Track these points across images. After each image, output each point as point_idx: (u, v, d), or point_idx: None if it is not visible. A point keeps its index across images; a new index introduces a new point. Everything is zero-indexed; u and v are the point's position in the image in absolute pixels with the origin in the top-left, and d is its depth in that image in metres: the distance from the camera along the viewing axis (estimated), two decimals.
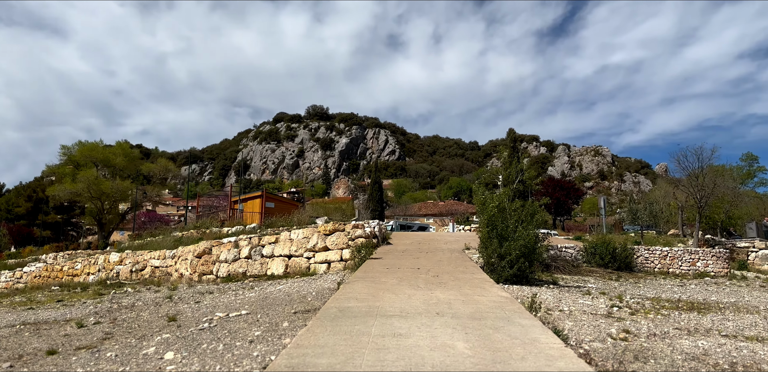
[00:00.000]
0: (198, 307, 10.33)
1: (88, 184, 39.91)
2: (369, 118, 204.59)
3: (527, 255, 12.23)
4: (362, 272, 11.03)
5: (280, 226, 21.44)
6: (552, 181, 56.55)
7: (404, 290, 8.54)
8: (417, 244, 18.95)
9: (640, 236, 25.09)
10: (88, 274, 28.08)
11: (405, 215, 76.95)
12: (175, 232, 29.67)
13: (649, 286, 15.04)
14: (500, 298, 7.93)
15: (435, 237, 23.19)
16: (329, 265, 16.87)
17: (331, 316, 6.42)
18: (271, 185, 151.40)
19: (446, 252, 15.70)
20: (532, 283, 12.74)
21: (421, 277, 10.25)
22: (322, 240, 17.63)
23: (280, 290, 11.60)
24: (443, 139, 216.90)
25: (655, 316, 8.83)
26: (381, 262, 13.02)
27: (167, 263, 23.38)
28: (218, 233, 25.06)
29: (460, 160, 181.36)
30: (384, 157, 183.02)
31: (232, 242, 20.76)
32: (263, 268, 18.65)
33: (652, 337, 6.80)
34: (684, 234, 31.74)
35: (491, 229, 12.59)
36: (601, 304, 10.09)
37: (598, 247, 18.75)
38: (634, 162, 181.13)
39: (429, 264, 12.60)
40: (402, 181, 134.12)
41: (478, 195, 14.14)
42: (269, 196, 30.89)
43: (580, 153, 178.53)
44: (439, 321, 6.21)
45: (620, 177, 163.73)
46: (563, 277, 15.95)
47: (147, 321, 8.99)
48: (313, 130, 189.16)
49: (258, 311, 8.39)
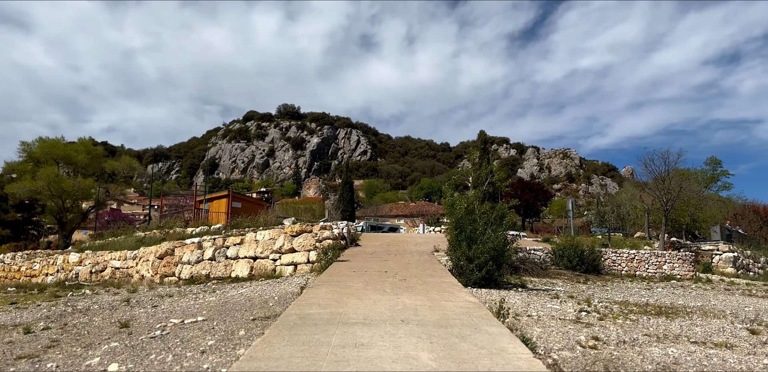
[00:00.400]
0: (154, 312, 9.86)
1: (48, 182, 38.58)
2: (341, 117, 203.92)
3: (496, 258, 12.06)
4: (327, 276, 10.70)
5: (246, 227, 20.91)
6: (521, 183, 56.98)
7: (370, 295, 8.24)
8: (386, 245, 18.68)
9: (608, 239, 25.29)
10: (46, 275, 27.13)
11: (376, 216, 76.69)
12: (138, 232, 28.84)
13: (617, 290, 15.05)
14: (468, 303, 7.69)
15: (405, 238, 22.96)
16: (296, 268, 16.47)
17: (290, 325, 6.08)
18: (240, 184, 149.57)
19: (415, 254, 15.46)
20: (500, 286, 12.58)
21: (388, 281, 9.97)
22: (289, 241, 17.22)
23: (241, 294, 11.18)
24: (415, 140, 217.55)
25: (623, 322, 8.72)
26: (348, 265, 12.70)
27: (128, 264, 22.67)
28: (182, 234, 24.37)
29: (432, 162, 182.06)
30: (356, 157, 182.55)
31: (196, 243, 20.18)
32: (227, 271, 18.14)
33: (621, 344, 6.64)
34: (650, 236, 32.18)
35: (460, 231, 12.39)
36: (569, 308, 9.95)
37: (566, 250, 18.75)
38: (602, 165, 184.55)
39: (397, 267, 12.33)
40: (373, 181, 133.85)
41: (447, 197, 13.95)
42: (236, 195, 30.25)
43: (549, 155, 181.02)
44: (404, 329, 5.93)
45: (588, 179, 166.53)
46: (532, 279, 15.87)
47: (98, 327, 8.50)
48: (284, 129, 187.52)
49: (215, 317, 7.99)
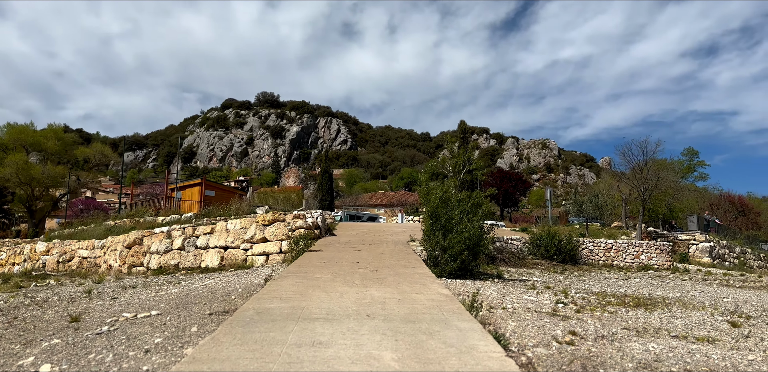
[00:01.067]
0: (111, 305, 9.31)
1: (16, 169, 37.38)
2: (321, 106, 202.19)
3: (472, 248, 11.70)
4: (296, 266, 10.23)
5: (218, 216, 20.31)
6: (500, 172, 56.90)
7: (337, 287, 7.80)
8: (362, 235, 18.24)
9: (585, 228, 25.18)
10: (13, 265, 26.28)
11: (356, 205, 76.25)
12: (109, 220, 28.02)
13: (594, 280, 14.83)
14: (439, 296, 7.29)
15: (382, 228, 22.55)
16: (267, 258, 15.97)
17: (246, 320, 5.61)
18: (218, 173, 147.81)
19: (390, 244, 15.04)
20: (476, 276, 12.24)
21: (359, 272, 9.53)
22: (261, 231, 16.68)
23: (206, 286, 10.68)
24: (395, 130, 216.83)
25: (601, 314, 8.41)
26: (319, 255, 12.24)
27: (96, 254, 21.95)
28: (152, 222, 23.67)
29: (412, 151, 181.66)
30: (336, 146, 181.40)
31: (165, 232, 19.57)
32: (197, 261, 17.57)
33: (600, 339, 6.30)
34: (627, 226, 32.24)
35: (435, 220, 11.99)
36: (545, 299, 9.64)
37: (543, 240, 18.51)
38: (580, 155, 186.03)
39: (370, 257, 11.90)
40: (353, 171, 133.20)
41: (423, 185, 13.54)
42: (209, 183, 29.51)
43: (528, 146, 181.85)
44: (369, 325, 5.50)
45: (566, 170, 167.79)
46: (508, 269, 15.58)
47: (47, 321, 7.94)
48: (263, 117, 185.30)
49: (171, 311, 7.48)
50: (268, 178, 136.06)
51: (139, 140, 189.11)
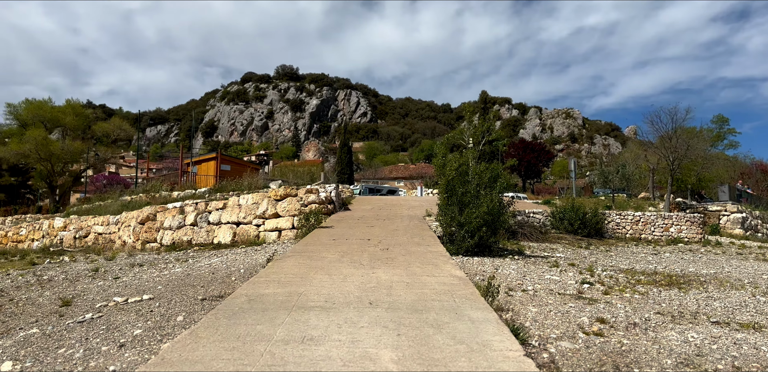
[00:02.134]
0: (110, 286, 8.89)
1: (35, 145, 37.37)
2: (340, 78, 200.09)
3: (490, 223, 10.99)
4: (303, 245, 9.65)
5: (231, 191, 19.86)
6: (522, 143, 55.57)
7: (342, 269, 7.20)
8: (377, 209, 17.63)
9: (611, 200, 24.22)
10: (32, 241, 26.35)
11: (375, 178, 75.68)
12: (125, 195, 27.86)
13: (622, 255, 14.07)
14: (452, 279, 6.64)
15: (399, 202, 21.91)
16: (280, 234, 15.48)
17: (234, 310, 5.04)
18: (239, 147, 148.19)
19: (405, 219, 14.40)
20: (495, 253, 11.57)
21: (369, 250, 8.92)
22: (273, 206, 16.16)
23: (210, 265, 10.19)
24: (416, 102, 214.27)
25: (631, 296, 7.71)
26: (329, 232, 11.66)
27: (111, 230, 21.77)
28: (167, 197, 23.37)
29: (433, 123, 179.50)
30: (356, 119, 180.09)
31: (178, 208, 19.19)
32: (209, 237, 17.17)
33: (631, 328, 5.61)
34: (654, 197, 31.13)
35: (450, 194, 11.28)
36: (570, 279, 8.95)
37: (567, 213, 17.69)
38: (604, 125, 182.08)
39: (382, 234, 11.28)
40: (373, 143, 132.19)
41: (438, 157, 12.76)
42: (224, 158, 29.06)
43: (551, 115, 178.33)
44: (370, 315, 4.88)
45: (590, 139, 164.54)
46: (530, 245, 14.88)
47: (38, 305, 7.53)
48: (282, 90, 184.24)
49: (164, 295, 6.98)
50: (288, 152, 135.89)
51: (161, 115, 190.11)
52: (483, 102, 44.07)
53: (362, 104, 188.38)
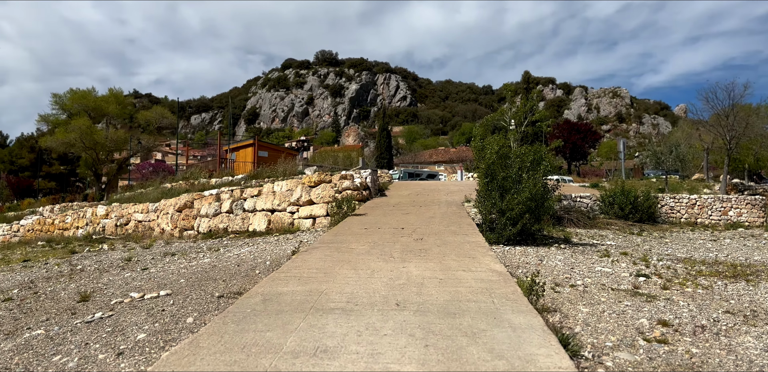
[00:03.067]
0: (134, 278, 8.60)
1: (80, 134, 38.07)
2: (379, 62, 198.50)
3: (533, 209, 10.22)
4: (332, 235, 9.12)
5: (267, 177, 19.55)
6: (568, 124, 53.66)
7: (370, 263, 6.63)
8: (414, 195, 16.99)
9: (665, 182, 22.88)
10: (77, 228, 26.82)
11: (415, 163, 74.86)
12: (166, 183, 28.03)
13: (678, 242, 13.06)
14: (491, 274, 5.98)
15: (438, 186, 21.20)
16: (314, 221, 15.06)
17: (246, 312, 4.53)
18: (281, 134, 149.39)
19: (443, 205, 13.72)
20: (539, 242, 10.80)
21: (401, 241, 8.32)
22: (307, 193, 15.74)
23: (238, 255, 9.80)
24: (456, 84, 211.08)
25: (694, 290, 6.89)
26: (362, 220, 11.11)
27: (150, 217, 21.86)
28: (205, 185, 23.31)
29: (474, 105, 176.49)
30: (395, 103, 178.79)
31: (214, 195, 19.03)
32: (245, 224, 16.93)
33: (699, 332, 4.86)
34: (709, 178, 29.46)
35: (490, 179, 10.53)
36: (623, 271, 8.15)
37: (616, 196, 16.65)
38: (653, 103, 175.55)
39: (417, 222, 10.65)
40: (413, 127, 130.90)
41: (477, 139, 11.98)
42: (262, 144, 28.86)
43: (597, 95, 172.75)
44: (395, 320, 4.29)
45: (639, 119, 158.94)
46: (577, 231, 14.00)
47: (57, 300, 7.26)
48: (322, 76, 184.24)
49: (182, 291, 6.57)
50: (328, 137, 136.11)
51: (205, 103, 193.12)
52: (525, 82, 42.60)
53: (402, 88, 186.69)
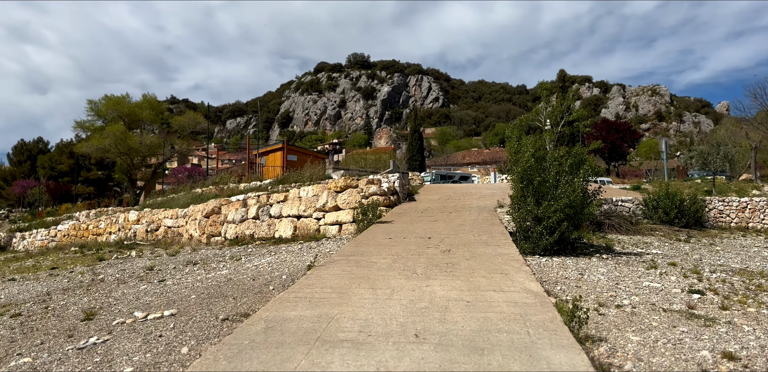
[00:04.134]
0: (147, 291, 8.19)
1: (115, 140, 38.54)
2: (411, 64, 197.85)
3: (572, 216, 9.45)
4: (353, 245, 8.53)
5: (293, 182, 19.14)
6: (606, 123, 51.98)
7: (391, 280, 6.01)
8: (445, 200, 16.32)
9: (711, 183, 21.62)
10: (110, 234, 26.97)
11: (447, 164, 73.95)
12: (197, 188, 27.98)
13: (730, 250, 12.06)
14: (526, 295, 5.29)
15: (470, 190, 20.45)
16: (341, 227, 14.54)
17: (243, 344, 3.97)
18: (314, 137, 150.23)
19: (474, 211, 13.01)
20: (578, 251, 10.01)
21: (427, 253, 7.68)
22: (333, 198, 15.23)
23: (256, 267, 9.32)
24: (489, 84, 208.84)
25: (758, 310, 6.06)
26: (387, 228, 10.50)
27: (179, 223, 21.71)
28: (234, 190, 23.09)
29: (507, 105, 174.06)
30: (427, 104, 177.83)
31: (241, 201, 18.72)
32: (271, 230, 16.53)
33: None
34: (757, 178, 27.89)
35: (525, 184, 9.78)
36: (673, 285, 7.35)
37: (661, 200, 15.62)
38: (694, 101, 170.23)
39: (446, 230, 9.99)
40: (445, 129, 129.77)
41: (512, 141, 11.24)
42: (291, 148, 28.55)
43: (636, 93, 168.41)
44: (412, 356, 3.67)
45: (679, 117, 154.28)
46: (619, 238, 13.10)
47: (62, 317, 6.88)
48: (354, 79, 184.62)
49: (188, 311, 6.08)
50: (360, 140, 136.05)
51: (240, 108, 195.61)
52: (561, 81, 41.36)
53: (434, 89, 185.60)
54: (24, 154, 68.03)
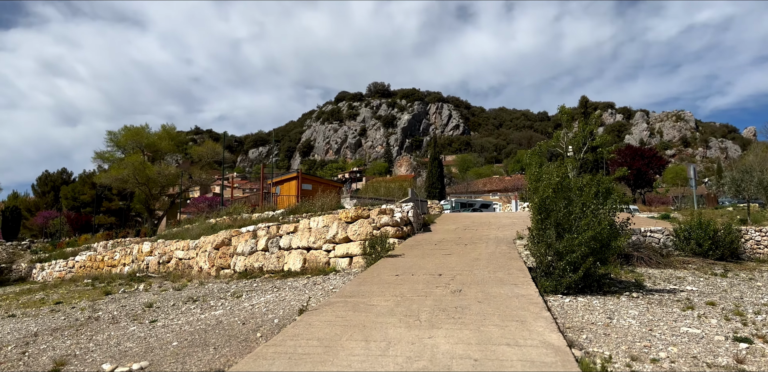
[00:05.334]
0: (129, 337, 7.54)
1: (133, 170, 38.62)
2: (431, 92, 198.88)
3: (599, 251, 8.60)
4: (355, 284, 7.77)
5: (305, 212, 18.53)
6: (630, 149, 50.76)
7: (389, 329, 5.25)
8: (461, 230, 15.51)
9: (746, 212, 20.44)
10: (124, 265, 26.59)
11: (468, 192, 72.97)
12: (211, 218, 27.58)
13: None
14: (545, 352, 4.48)
15: (488, 219, 19.59)
16: (351, 260, 13.81)
17: None
18: (334, 165, 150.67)
19: (492, 243, 12.18)
20: (605, 289, 9.10)
21: (435, 294, 6.89)
22: (343, 229, 14.55)
23: (252, 307, 8.61)
24: (510, 111, 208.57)
25: None
26: (396, 263, 9.73)
27: (189, 255, 21.20)
28: (247, 220, 22.57)
29: (529, 132, 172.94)
30: (447, 132, 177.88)
31: (251, 232, 18.17)
32: (280, 263, 15.87)
33: None
34: None
35: (546, 216, 8.98)
36: (715, 332, 6.44)
37: (693, 230, 14.58)
38: (720, 127, 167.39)
39: (459, 266, 9.19)
40: (466, 156, 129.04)
41: (531, 168, 10.47)
42: (305, 176, 28.09)
43: (660, 119, 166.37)
44: None
45: (705, 143, 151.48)
46: (649, 272, 12.12)
47: (29, 367, 6.24)
48: (374, 107, 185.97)
49: (160, 363, 5.38)
50: (380, 168, 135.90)
51: (262, 137, 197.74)
52: (583, 107, 40.63)
53: (454, 117, 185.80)
54: (48, 185, 68.86)
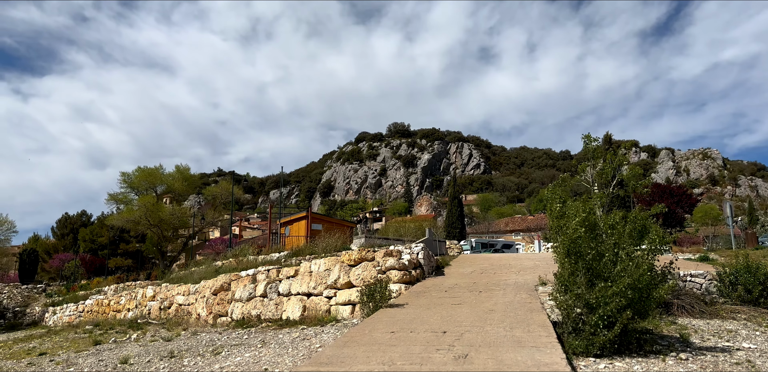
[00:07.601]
0: None
1: (145, 211, 37.99)
2: (452, 132, 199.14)
3: (637, 302, 7.11)
4: (339, 346, 6.36)
5: (308, 254, 17.24)
6: (658, 187, 48.84)
7: None
8: (478, 273, 14.01)
9: None
10: (128, 310, 25.51)
11: (490, 232, 71.06)
12: (218, 260, 26.42)
13: None
14: None
15: (509, 261, 18.02)
16: (353, 308, 12.39)
17: None
18: (354, 205, 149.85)
19: (510, 290, 10.67)
20: (647, 348, 7.52)
21: (434, 360, 5.46)
22: (345, 273, 13.19)
23: (236, 365, 7.24)
24: (531, 150, 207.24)
25: None
26: (396, 315, 8.30)
27: (189, 301, 19.99)
28: (252, 262, 21.33)
29: (551, 171, 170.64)
30: (468, 171, 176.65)
31: (250, 276, 16.93)
32: (278, 310, 14.50)
33: None
34: None
35: (575, 259, 7.55)
36: None
37: (740, 274, 12.87)
38: (748, 165, 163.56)
39: (470, 318, 7.73)
40: (487, 195, 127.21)
41: (554, 203, 9.08)
42: (315, 216, 26.94)
43: (686, 157, 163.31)
44: None
45: (734, 181, 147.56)
46: (694, 324, 10.44)
47: None
48: (394, 147, 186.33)
49: None
50: (400, 208, 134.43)
51: (284, 178, 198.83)
52: (607, 143, 39.28)
53: (475, 156, 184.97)
54: (67, 227, 68.94)
